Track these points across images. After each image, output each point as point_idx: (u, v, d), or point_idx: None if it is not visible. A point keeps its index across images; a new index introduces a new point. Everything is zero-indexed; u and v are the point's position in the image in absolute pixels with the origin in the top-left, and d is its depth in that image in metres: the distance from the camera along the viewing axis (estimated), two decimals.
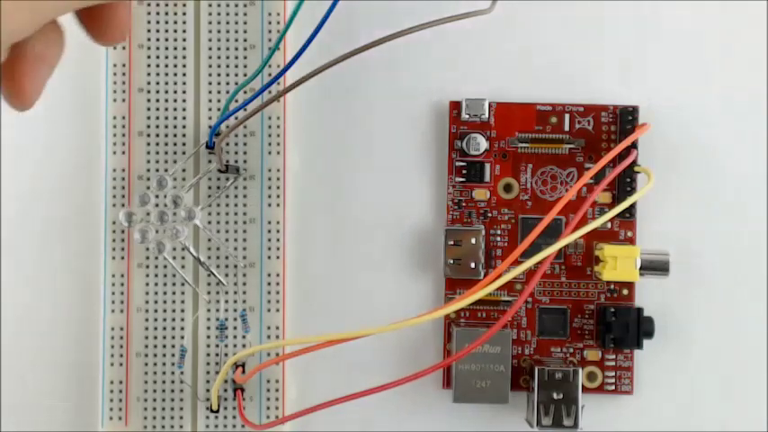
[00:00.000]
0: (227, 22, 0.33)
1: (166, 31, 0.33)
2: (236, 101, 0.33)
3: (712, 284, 0.34)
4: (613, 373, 0.34)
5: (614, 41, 0.34)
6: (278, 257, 0.33)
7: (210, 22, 0.33)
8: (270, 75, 0.33)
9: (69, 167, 0.34)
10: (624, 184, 0.34)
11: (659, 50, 0.34)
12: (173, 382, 0.33)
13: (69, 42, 0.23)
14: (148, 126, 0.33)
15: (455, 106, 0.34)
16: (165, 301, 0.33)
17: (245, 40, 0.33)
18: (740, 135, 0.34)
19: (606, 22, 0.34)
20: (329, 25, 0.29)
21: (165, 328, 0.33)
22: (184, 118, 0.33)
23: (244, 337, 0.33)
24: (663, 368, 0.34)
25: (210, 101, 0.33)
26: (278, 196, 0.33)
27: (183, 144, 0.33)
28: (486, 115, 0.34)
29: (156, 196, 0.33)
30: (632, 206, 0.34)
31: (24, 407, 0.34)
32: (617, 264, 0.33)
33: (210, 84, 0.33)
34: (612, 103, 0.34)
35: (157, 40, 0.33)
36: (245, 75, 0.33)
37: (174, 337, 0.33)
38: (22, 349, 0.34)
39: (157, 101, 0.33)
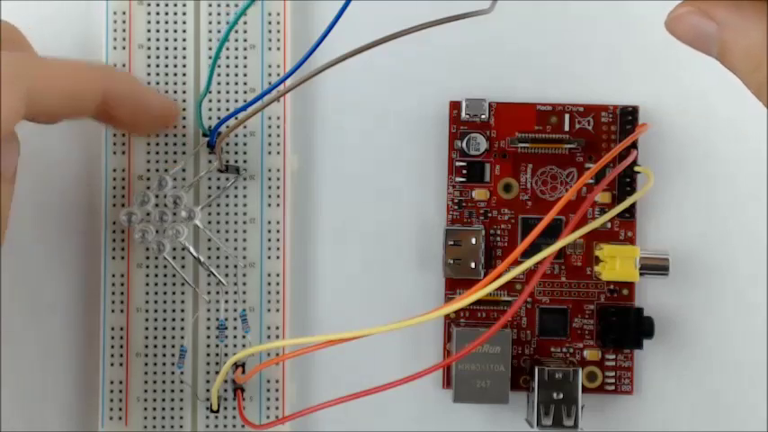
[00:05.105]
0: (227, 22, 0.33)
1: (166, 31, 0.33)
2: (237, 101, 0.33)
3: (712, 284, 0.34)
4: (613, 373, 0.34)
5: (615, 41, 0.34)
6: (278, 257, 0.33)
7: (210, 22, 0.33)
8: (270, 75, 0.33)
9: (69, 167, 0.34)
10: (624, 184, 0.34)
11: (659, 50, 0.34)
12: (173, 382, 0.33)
13: (69, 41, 0.23)
14: None
15: (455, 106, 0.34)
16: (165, 301, 0.33)
17: (245, 41, 0.33)
18: (740, 135, 0.34)
19: (606, 21, 0.34)
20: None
21: (165, 328, 0.33)
22: (184, 118, 0.33)
23: (244, 337, 0.33)
24: (663, 368, 0.34)
25: (210, 101, 0.33)
26: (278, 196, 0.33)
27: (183, 144, 0.33)
28: (486, 115, 0.34)
29: (156, 196, 0.33)
30: (632, 206, 0.34)
31: (24, 407, 0.34)
32: (617, 264, 0.33)
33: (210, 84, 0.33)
34: (612, 103, 0.34)
35: (157, 40, 0.33)
36: (245, 75, 0.33)
37: (174, 337, 0.33)
38: (21, 349, 0.34)
39: None
